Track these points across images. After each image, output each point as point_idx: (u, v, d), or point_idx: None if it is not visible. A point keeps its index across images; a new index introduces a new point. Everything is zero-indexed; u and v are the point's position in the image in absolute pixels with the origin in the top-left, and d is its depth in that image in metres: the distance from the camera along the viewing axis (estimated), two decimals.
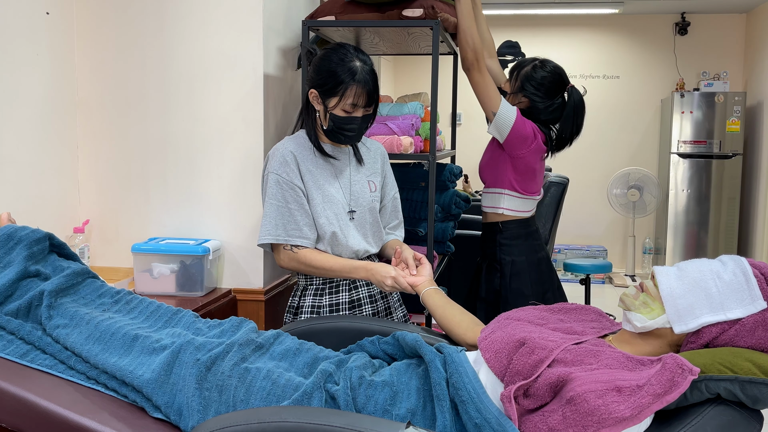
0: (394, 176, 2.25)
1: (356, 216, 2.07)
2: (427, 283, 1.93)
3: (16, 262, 1.70)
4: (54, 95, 2.47)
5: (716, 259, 1.50)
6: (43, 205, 2.43)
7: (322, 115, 1.99)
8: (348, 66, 1.92)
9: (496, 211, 2.60)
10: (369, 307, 2.10)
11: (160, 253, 2.40)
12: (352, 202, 2.06)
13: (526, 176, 2.55)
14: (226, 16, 2.48)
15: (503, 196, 2.58)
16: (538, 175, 2.61)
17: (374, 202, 2.11)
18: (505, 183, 2.56)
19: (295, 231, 1.98)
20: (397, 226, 2.24)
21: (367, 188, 2.10)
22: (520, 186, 2.55)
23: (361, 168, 2.11)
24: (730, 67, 7.11)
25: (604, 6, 6.49)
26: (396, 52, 3.18)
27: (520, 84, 2.54)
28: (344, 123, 1.96)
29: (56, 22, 2.47)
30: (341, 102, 1.93)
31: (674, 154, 6.74)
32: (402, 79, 7.76)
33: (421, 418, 1.46)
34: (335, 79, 1.92)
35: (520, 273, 2.56)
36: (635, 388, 1.29)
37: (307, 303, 2.07)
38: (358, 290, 2.09)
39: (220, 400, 1.49)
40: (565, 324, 1.61)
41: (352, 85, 1.91)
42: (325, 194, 2.01)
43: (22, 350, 1.58)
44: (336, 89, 1.92)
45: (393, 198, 2.22)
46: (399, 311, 2.23)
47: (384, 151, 2.22)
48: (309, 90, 2.00)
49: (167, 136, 2.56)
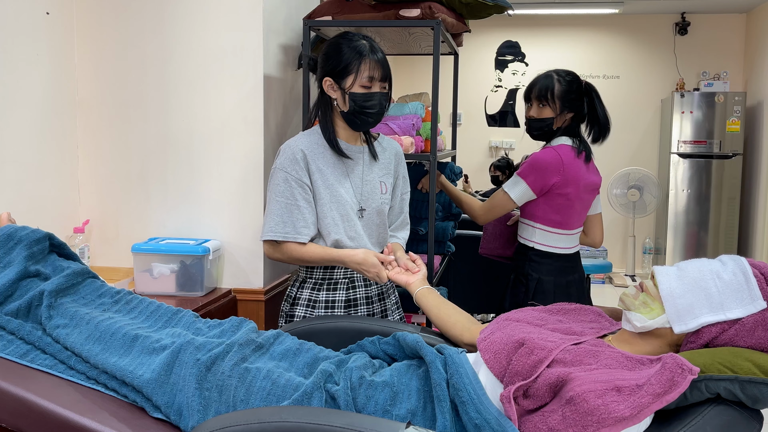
0: (408, 176, 2.24)
1: (365, 215, 2.06)
2: (420, 283, 1.93)
3: (16, 262, 1.70)
4: (54, 95, 2.47)
5: (716, 259, 1.50)
6: (43, 205, 2.43)
7: (340, 101, 1.98)
8: (356, 44, 1.96)
9: (527, 243, 2.55)
10: (365, 308, 2.10)
11: (160, 253, 2.40)
12: (362, 201, 2.05)
13: (560, 209, 2.47)
14: (226, 15, 2.48)
15: (535, 230, 2.52)
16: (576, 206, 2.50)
17: (383, 205, 2.10)
18: (537, 216, 2.51)
19: (303, 228, 1.98)
20: (400, 226, 2.22)
21: (379, 189, 2.09)
22: (553, 220, 2.48)
23: (375, 168, 2.10)
24: (730, 67, 7.11)
25: (604, 6, 6.49)
26: (396, 52, 3.18)
27: (561, 104, 2.47)
28: (365, 100, 1.96)
29: (56, 22, 2.47)
30: (358, 78, 1.95)
31: (674, 154, 6.74)
32: (402, 79, 7.76)
33: (422, 419, 1.46)
34: (348, 56, 1.95)
35: (545, 292, 2.49)
36: (635, 388, 1.29)
37: (304, 295, 2.08)
38: (356, 290, 2.09)
39: (220, 400, 1.49)
40: (564, 324, 1.61)
41: (366, 58, 1.95)
42: (334, 194, 2.00)
43: (22, 350, 1.58)
44: (350, 67, 1.95)
45: (401, 199, 2.21)
46: (396, 314, 2.22)
47: (400, 150, 2.20)
48: (323, 80, 1.99)
49: (167, 136, 2.56)
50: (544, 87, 2.48)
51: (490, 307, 3.79)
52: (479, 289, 3.67)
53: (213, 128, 2.53)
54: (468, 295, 3.68)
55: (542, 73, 2.54)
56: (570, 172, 2.42)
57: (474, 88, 7.59)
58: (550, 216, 2.48)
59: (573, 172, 2.43)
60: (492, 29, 7.44)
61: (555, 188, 2.43)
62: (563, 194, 2.44)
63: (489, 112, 7.64)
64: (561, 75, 2.49)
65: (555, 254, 2.51)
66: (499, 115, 7.63)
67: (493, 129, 7.66)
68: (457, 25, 2.60)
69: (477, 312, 3.89)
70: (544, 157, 2.43)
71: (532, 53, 7.46)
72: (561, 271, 2.52)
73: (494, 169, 6.16)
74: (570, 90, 2.47)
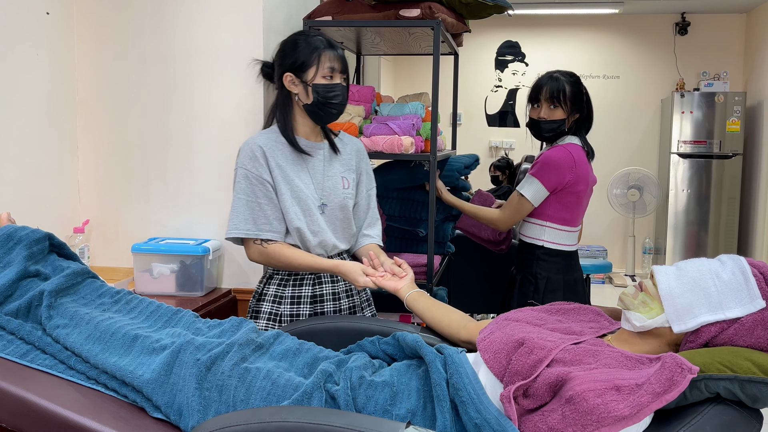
0: (372, 174, 2.24)
1: (327, 210, 2.06)
2: (409, 287, 1.93)
3: (15, 262, 1.70)
4: (54, 95, 2.47)
5: (715, 258, 1.50)
6: (43, 205, 2.44)
7: (302, 94, 2.00)
8: (313, 39, 2.01)
9: (535, 243, 2.58)
10: (332, 303, 2.09)
11: (160, 253, 2.40)
12: (324, 197, 2.06)
13: (570, 207, 2.53)
14: (226, 15, 2.48)
15: (545, 228, 2.56)
16: (583, 203, 2.58)
17: (346, 200, 2.10)
18: (547, 215, 2.54)
19: (265, 225, 1.98)
20: (371, 223, 2.22)
21: (340, 184, 2.09)
22: (563, 217, 2.53)
23: (335, 163, 2.11)
24: (730, 67, 7.11)
25: (604, 6, 6.49)
26: (396, 52, 3.18)
27: (572, 105, 2.52)
28: (328, 91, 1.99)
29: (56, 22, 2.47)
30: (320, 69, 1.98)
31: (674, 154, 6.74)
32: (402, 79, 7.76)
33: (421, 419, 1.46)
34: (307, 50, 1.98)
35: (555, 291, 2.53)
36: (634, 387, 1.29)
37: (270, 291, 2.08)
38: (322, 286, 2.09)
39: (220, 400, 1.49)
40: (563, 324, 1.61)
41: (324, 50, 1.99)
42: (294, 189, 2.00)
43: (22, 350, 1.58)
44: (310, 59, 1.98)
45: (367, 195, 2.20)
46: (367, 311, 2.21)
47: (361, 147, 2.21)
48: (283, 76, 2.00)
49: (167, 136, 2.56)
50: (555, 89, 2.51)
51: (491, 307, 3.79)
52: (479, 289, 3.67)
53: (213, 128, 2.53)
54: (468, 295, 3.69)
55: (545, 75, 2.56)
56: (581, 170, 2.48)
57: (474, 88, 7.59)
58: (561, 214, 2.52)
59: (583, 170, 2.49)
60: (492, 29, 7.44)
61: (568, 186, 2.47)
62: (575, 192, 2.49)
63: (489, 112, 7.64)
64: (567, 76, 2.53)
65: (563, 252, 2.56)
66: (499, 115, 7.63)
67: (493, 129, 7.66)
68: (457, 25, 2.60)
69: (477, 312, 3.89)
70: (556, 155, 2.47)
71: (532, 53, 7.46)
72: (568, 269, 2.57)
73: (494, 169, 6.16)
74: (579, 91, 2.53)
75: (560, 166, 2.45)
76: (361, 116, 2.63)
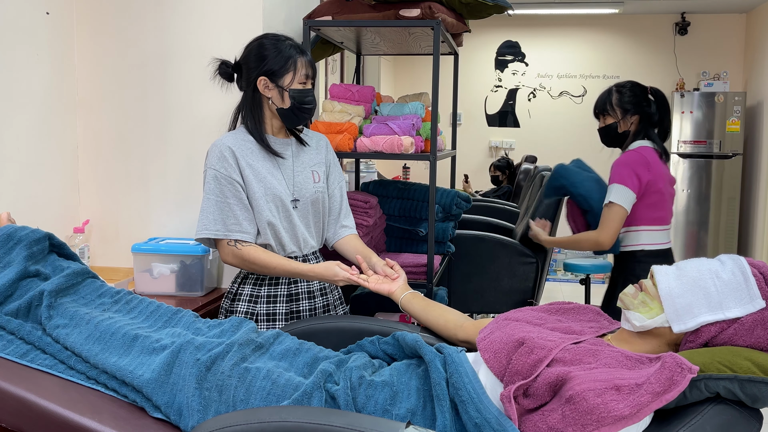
0: (339, 166, 2.25)
1: (299, 206, 2.06)
2: (402, 289, 1.93)
3: (15, 262, 1.70)
4: (54, 95, 2.48)
5: (715, 258, 1.50)
6: (43, 205, 2.44)
7: (277, 99, 2.00)
8: (286, 44, 2.01)
9: (635, 249, 2.64)
10: (307, 302, 2.09)
11: (160, 253, 2.40)
12: (296, 191, 2.06)
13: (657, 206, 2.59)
14: (226, 15, 2.48)
15: (640, 232, 2.62)
16: (668, 200, 2.65)
17: (318, 193, 2.10)
18: (639, 219, 2.60)
19: (234, 225, 1.97)
20: (346, 214, 2.23)
21: (311, 178, 2.09)
22: (654, 217, 2.60)
23: (304, 158, 2.11)
24: (730, 67, 7.11)
25: (604, 6, 6.49)
26: (396, 52, 3.18)
27: (621, 109, 2.67)
28: (304, 95, 2.01)
29: (56, 22, 2.47)
30: (297, 75, 1.99)
31: (674, 154, 6.74)
32: (402, 79, 7.76)
33: (421, 418, 1.46)
34: (284, 55, 1.98)
35: None
36: (634, 387, 1.29)
37: (246, 291, 2.07)
38: (298, 284, 2.09)
39: (220, 399, 1.49)
40: (563, 324, 1.61)
41: (300, 57, 2.00)
42: (268, 186, 2.00)
43: (22, 350, 1.58)
44: (287, 65, 1.98)
45: (339, 186, 2.21)
46: (339, 309, 2.22)
47: (327, 141, 2.24)
48: (257, 80, 2.00)
49: (167, 136, 2.56)
50: (602, 101, 2.72)
51: (491, 307, 3.79)
52: (479, 289, 3.67)
53: (213, 128, 2.53)
54: (468, 295, 3.68)
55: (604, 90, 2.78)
56: (656, 168, 2.57)
57: (474, 88, 7.59)
58: (651, 214, 2.60)
59: (658, 168, 2.58)
60: (492, 29, 7.44)
61: (650, 185, 2.56)
62: (657, 191, 2.58)
63: (489, 112, 7.64)
64: (618, 85, 2.72)
65: (661, 251, 2.64)
66: (499, 115, 7.63)
67: (493, 129, 7.66)
68: (457, 25, 2.60)
69: (477, 312, 3.89)
70: (628, 158, 2.57)
71: (532, 53, 7.46)
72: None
73: (494, 169, 6.16)
74: (630, 94, 2.66)
75: (635, 166, 2.54)
76: (361, 116, 2.63)
